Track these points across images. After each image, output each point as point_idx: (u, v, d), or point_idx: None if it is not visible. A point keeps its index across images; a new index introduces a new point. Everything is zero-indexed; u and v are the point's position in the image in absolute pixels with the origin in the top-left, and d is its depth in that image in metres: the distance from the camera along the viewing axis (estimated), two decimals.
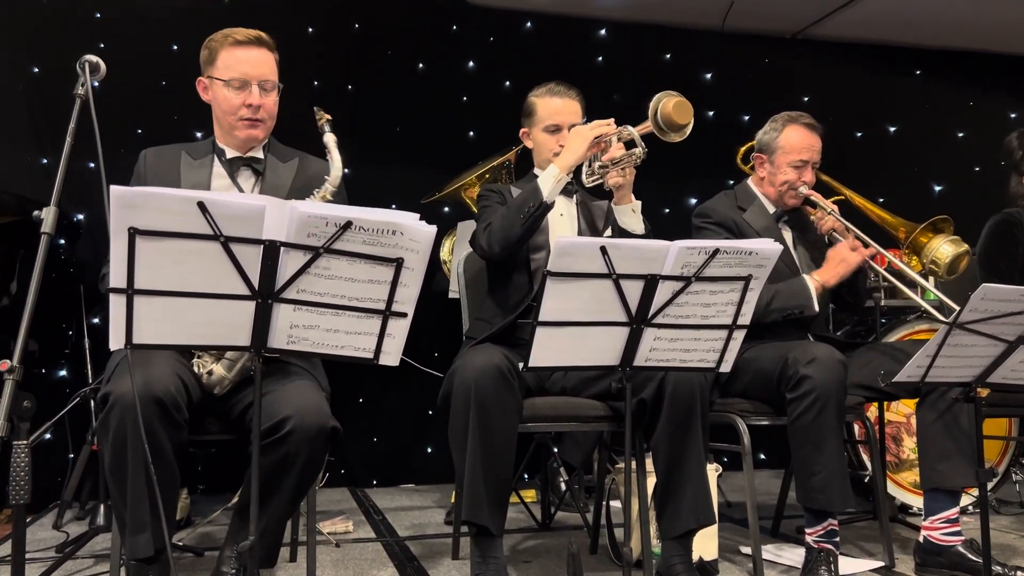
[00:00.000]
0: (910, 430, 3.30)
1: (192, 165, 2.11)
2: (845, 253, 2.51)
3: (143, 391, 1.68)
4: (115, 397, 1.71)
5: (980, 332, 1.71)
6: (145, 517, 1.72)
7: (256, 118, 2.07)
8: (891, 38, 4.72)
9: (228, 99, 2.07)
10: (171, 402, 1.73)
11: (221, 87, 2.07)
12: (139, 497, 1.72)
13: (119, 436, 1.70)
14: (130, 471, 1.71)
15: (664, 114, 2.04)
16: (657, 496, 2.17)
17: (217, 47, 2.09)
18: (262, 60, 2.09)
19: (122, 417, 1.69)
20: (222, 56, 2.08)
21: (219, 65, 2.08)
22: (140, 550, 1.74)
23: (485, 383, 1.98)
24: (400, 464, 4.02)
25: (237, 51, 2.07)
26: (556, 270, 1.60)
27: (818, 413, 2.21)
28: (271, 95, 2.11)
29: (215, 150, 2.14)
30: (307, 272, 1.46)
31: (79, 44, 3.69)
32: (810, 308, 2.49)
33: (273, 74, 2.11)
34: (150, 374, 1.72)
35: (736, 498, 3.51)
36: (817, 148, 2.64)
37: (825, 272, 2.53)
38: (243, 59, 2.06)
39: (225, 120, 2.10)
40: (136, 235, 1.37)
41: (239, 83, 2.06)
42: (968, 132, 4.93)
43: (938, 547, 2.33)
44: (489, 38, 4.29)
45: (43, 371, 3.54)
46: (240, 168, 2.13)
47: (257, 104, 2.06)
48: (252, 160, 2.14)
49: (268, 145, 2.18)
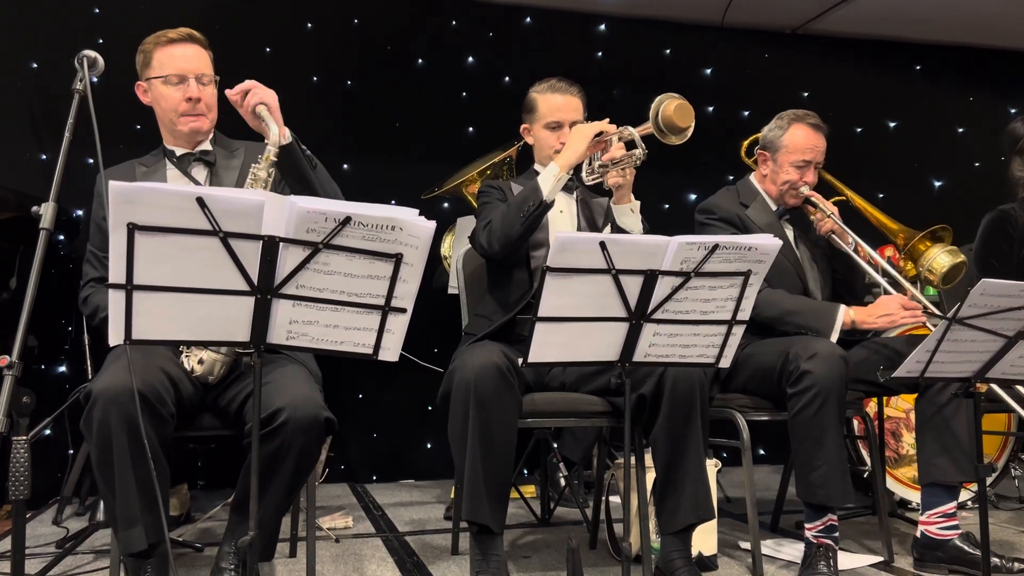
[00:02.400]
0: (909, 425, 3.30)
1: (146, 173, 2.17)
2: (894, 308, 2.41)
3: (124, 386, 1.69)
4: (97, 392, 1.72)
5: (979, 327, 1.71)
6: (136, 511, 1.73)
7: (196, 112, 2.13)
8: (890, 33, 4.72)
9: (168, 96, 2.13)
10: (154, 395, 1.74)
11: (160, 85, 2.14)
12: (127, 492, 1.72)
13: (103, 431, 1.71)
14: (116, 466, 1.72)
15: (665, 116, 2.04)
16: (656, 491, 2.18)
17: (151, 49, 2.16)
18: (196, 55, 2.15)
19: (105, 412, 1.70)
20: (157, 56, 2.15)
21: (155, 65, 2.15)
22: (133, 544, 1.74)
23: (484, 381, 1.98)
24: (400, 460, 4.02)
25: (171, 49, 2.15)
26: (555, 265, 1.60)
27: (819, 408, 2.21)
28: (209, 88, 2.16)
29: (165, 153, 2.20)
30: (306, 268, 1.46)
31: (78, 39, 3.67)
32: (826, 335, 2.42)
33: (209, 68, 2.17)
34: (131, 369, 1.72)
35: (735, 493, 3.51)
36: (821, 149, 2.62)
37: (864, 316, 2.44)
38: (178, 56, 2.14)
39: (167, 118, 2.16)
40: (135, 230, 1.36)
41: (177, 78, 2.12)
42: (968, 127, 4.93)
43: (935, 541, 2.34)
44: (488, 34, 4.29)
45: (43, 367, 3.54)
46: (192, 163, 2.18)
47: (196, 96, 2.12)
48: (203, 153, 2.19)
49: (214, 138, 2.23)
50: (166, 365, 1.86)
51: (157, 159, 2.21)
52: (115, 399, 1.70)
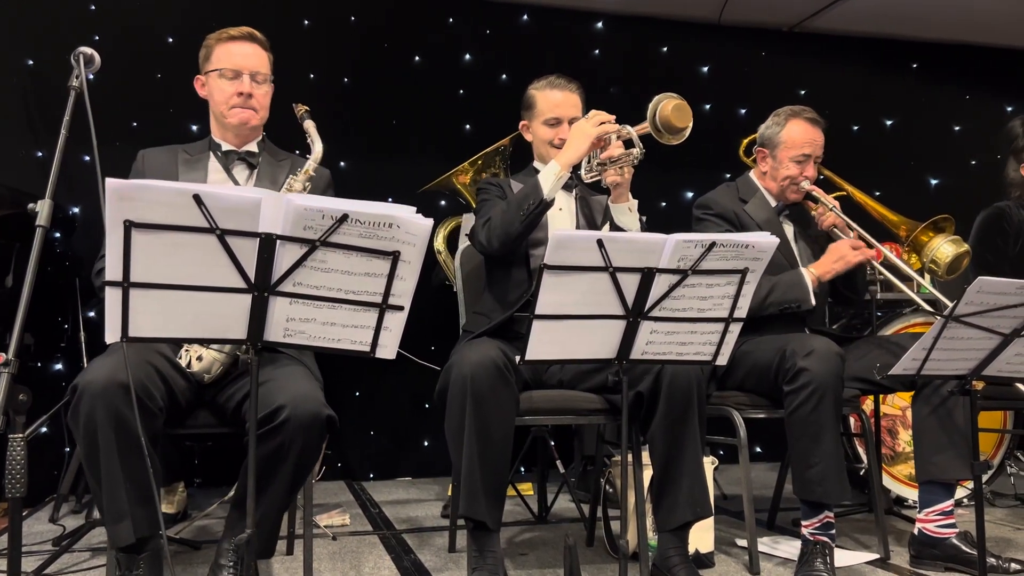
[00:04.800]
0: (905, 423, 3.31)
1: (189, 162, 2.19)
2: (845, 250, 2.52)
3: (110, 380, 1.69)
4: (83, 387, 1.71)
5: (976, 325, 1.72)
6: (123, 505, 1.72)
7: (248, 105, 2.17)
8: (888, 31, 4.72)
9: (222, 89, 2.17)
10: (141, 389, 1.72)
11: (215, 78, 2.18)
12: (114, 485, 1.72)
13: (89, 425, 1.71)
14: (103, 460, 1.71)
15: (663, 116, 2.04)
16: (654, 489, 2.18)
17: (213, 44, 2.21)
18: (254, 54, 2.20)
19: (91, 406, 1.70)
20: (217, 52, 2.20)
21: (213, 60, 2.20)
22: (120, 538, 1.74)
23: (481, 377, 1.98)
24: (397, 457, 4.02)
25: (231, 45, 2.19)
26: (553, 263, 1.60)
27: (815, 405, 2.21)
28: (263, 87, 2.21)
29: (211, 146, 2.23)
30: (303, 265, 1.46)
31: (74, 36, 3.67)
32: (807, 302, 2.49)
33: (265, 68, 2.21)
34: (118, 363, 1.72)
35: (732, 491, 3.52)
36: (819, 143, 2.64)
37: (821, 266, 2.54)
38: (236, 52, 2.18)
39: (219, 110, 2.20)
40: (132, 228, 1.36)
41: (232, 73, 2.16)
42: (964, 125, 4.93)
43: (933, 539, 2.34)
44: (486, 31, 4.28)
45: (39, 364, 3.53)
46: (235, 161, 2.22)
47: (248, 92, 2.16)
48: (248, 154, 2.22)
49: (263, 143, 2.26)
50: (156, 360, 1.86)
51: (202, 150, 2.23)
52: (101, 393, 1.69)
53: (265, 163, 2.22)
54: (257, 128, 2.23)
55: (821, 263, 2.54)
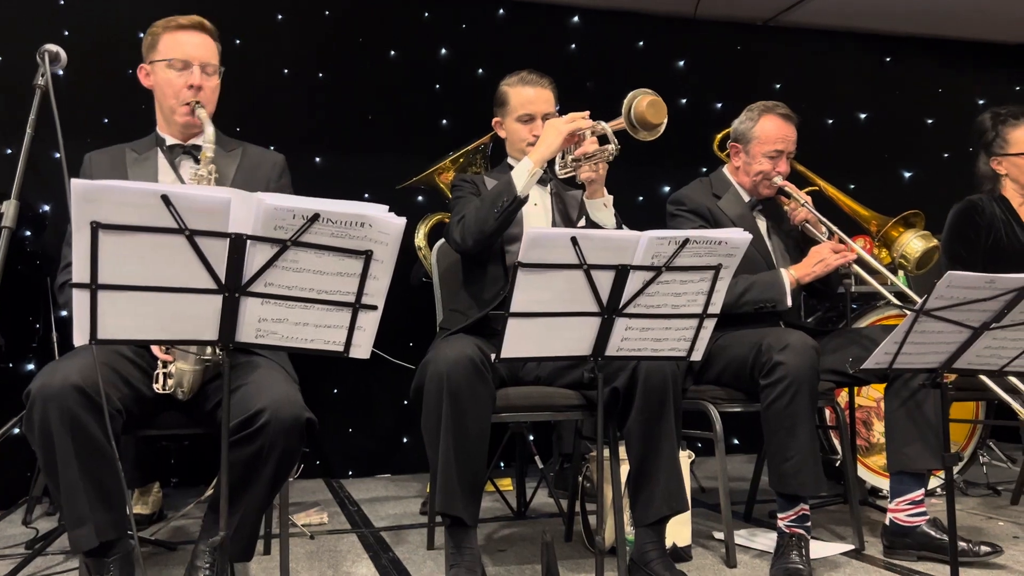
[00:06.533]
0: (880, 414, 3.35)
1: (137, 160, 2.12)
2: (826, 254, 2.52)
3: (63, 383, 1.66)
4: (35, 392, 1.68)
5: (946, 319, 1.73)
6: (84, 510, 1.69)
7: (197, 98, 2.07)
8: (861, 25, 4.76)
9: (170, 81, 2.09)
10: (95, 390, 1.68)
11: (163, 68, 2.10)
12: (73, 490, 1.69)
13: (44, 430, 1.67)
14: (60, 464, 1.68)
15: (638, 112, 2.04)
16: (630, 484, 2.19)
17: (159, 32, 2.12)
18: (203, 44, 2.12)
19: (44, 409, 1.66)
20: (164, 40, 2.11)
21: (160, 48, 2.11)
22: (81, 543, 1.71)
23: (458, 374, 1.98)
24: (376, 455, 4.01)
25: (179, 35, 2.11)
26: (527, 261, 1.60)
27: (791, 399, 2.23)
28: (212, 79, 2.13)
29: (157, 140, 2.15)
30: (274, 265, 1.44)
31: (43, 31, 3.62)
32: (782, 303, 2.50)
33: (214, 58, 2.13)
34: (70, 366, 1.69)
35: (709, 484, 3.54)
36: (792, 139, 2.65)
37: (802, 269, 2.54)
38: (185, 42, 2.10)
39: (166, 103, 2.12)
40: (99, 229, 1.34)
41: (181, 64, 2.08)
42: (937, 118, 4.99)
43: (904, 528, 2.37)
44: (462, 25, 4.27)
45: (10, 365, 3.48)
46: (180, 156, 2.13)
47: (198, 85, 2.08)
48: (194, 148, 2.13)
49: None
50: (116, 361, 1.82)
51: (149, 147, 2.15)
52: (53, 397, 1.65)
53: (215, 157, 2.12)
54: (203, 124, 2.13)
55: (802, 266, 2.54)
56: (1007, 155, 2.95)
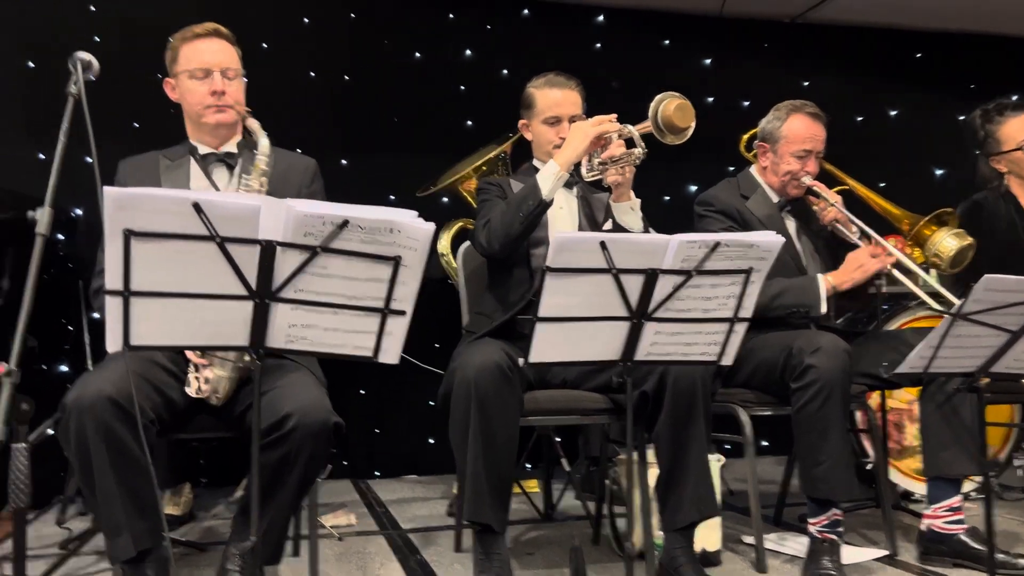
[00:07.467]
0: (912, 417, 3.29)
1: (170, 167, 2.14)
2: (864, 259, 2.47)
3: (98, 394, 1.67)
4: (70, 403, 1.69)
5: (983, 323, 1.70)
6: (120, 520, 1.71)
7: (222, 104, 2.10)
8: (891, 21, 4.68)
9: (193, 90, 2.11)
10: (128, 401, 1.68)
11: (186, 79, 2.12)
12: (110, 500, 1.71)
13: (80, 442, 1.69)
14: (96, 476, 1.70)
15: (665, 116, 2.02)
16: (659, 488, 2.17)
17: (178, 45, 2.15)
18: (221, 50, 2.14)
19: (80, 421, 1.68)
20: (184, 51, 2.14)
21: (181, 60, 2.14)
22: (120, 553, 1.73)
23: (485, 380, 1.97)
24: (402, 455, 4.01)
25: (197, 43, 2.13)
26: (555, 266, 1.59)
27: (823, 402, 2.20)
28: (235, 83, 2.14)
29: (189, 149, 2.17)
30: (304, 271, 1.45)
31: (74, 37, 3.66)
32: (817, 309, 2.46)
33: (235, 63, 2.15)
34: (104, 378, 1.71)
35: (738, 486, 3.50)
36: (821, 138, 2.61)
37: (840, 275, 2.49)
38: (203, 50, 2.12)
39: (193, 111, 2.14)
40: (131, 237, 1.35)
41: (202, 72, 2.10)
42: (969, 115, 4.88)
43: (941, 536, 2.33)
44: (486, 26, 4.26)
45: (44, 367, 3.53)
46: (214, 164, 2.16)
47: (221, 90, 2.10)
48: (227, 155, 2.16)
49: (244, 141, 2.19)
50: (148, 369, 1.84)
51: (181, 155, 2.17)
52: (88, 408, 1.67)
53: (246, 163, 2.13)
54: (234, 126, 2.16)
55: (840, 272, 2.49)
56: (1002, 153, 2.89)
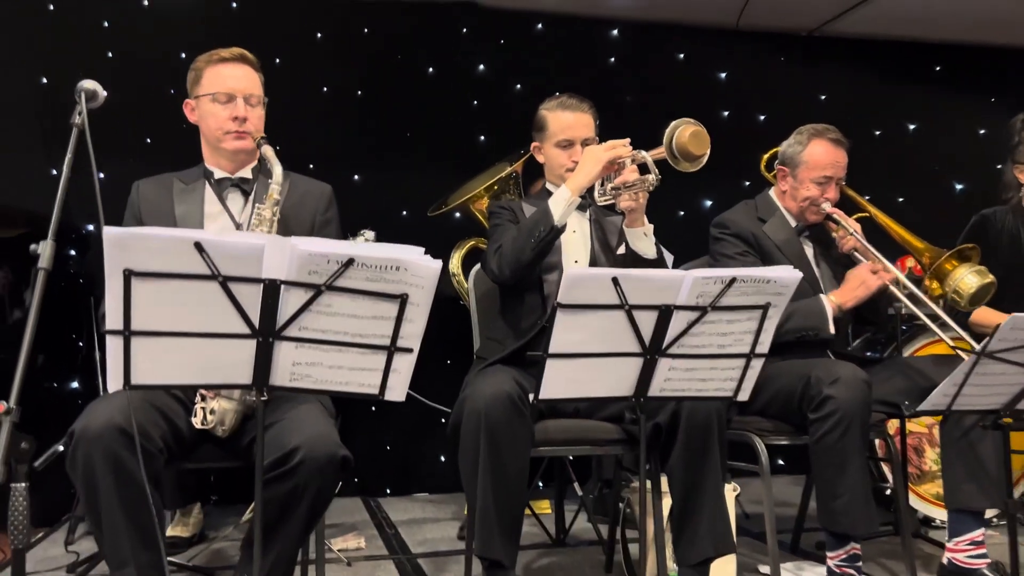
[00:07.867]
0: (932, 441, 3.23)
1: (184, 190, 2.13)
2: (865, 276, 2.44)
3: (107, 424, 1.65)
4: (79, 433, 1.67)
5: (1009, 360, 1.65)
6: (126, 553, 1.68)
7: (243, 131, 2.09)
8: (909, 34, 4.61)
9: (215, 114, 2.09)
10: (139, 431, 1.66)
11: (207, 103, 2.10)
12: (116, 532, 1.68)
13: (88, 471, 1.67)
14: (103, 506, 1.67)
15: (679, 143, 1.98)
16: (674, 520, 2.12)
17: (202, 67, 2.13)
18: (246, 76, 2.12)
19: (88, 452, 1.65)
20: (207, 75, 2.12)
21: (204, 83, 2.12)
22: None
23: (496, 412, 1.93)
24: (413, 473, 3.98)
25: (222, 68, 2.11)
26: (566, 302, 1.55)
27: (842, 434, 2.15)
28: (256, 110, 2.13)
29: (205, 173, 2.15)
30: (309, 310, 1.42)
31: (87, 53, 3.67)
32: (824, 330, 2.41)
33: (258, 90, 2.14)
34: (113, 407, 1.68)
35: (753, 508, 3.44)
36: (843, 164, 2.55)
37: (843, 294, 2.45)
38: (228, 75, 2.10)
39: (212, 135, 2.12)
40: (132, 276, 1.33)
41: (225, 96, 2.09)
42: (990, 129, 4.81)
43: (963, 570, 2.27)
44: (500, 40, 4.22)
45: (55, 384, 3.52)
46: (228, 189, 2.14)
47: (243, 116, 2.08)
48: (241, 181, 2.14)
49: (259, 167, 2.17)
50: (154, 397, 1.81)
51: (196, 178, 2.16)
52: (97, 438, 1.65)
53: (261, 189, 2.12)
54: (252, 152, 2.13)
55: (842, 291, 2.46)
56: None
